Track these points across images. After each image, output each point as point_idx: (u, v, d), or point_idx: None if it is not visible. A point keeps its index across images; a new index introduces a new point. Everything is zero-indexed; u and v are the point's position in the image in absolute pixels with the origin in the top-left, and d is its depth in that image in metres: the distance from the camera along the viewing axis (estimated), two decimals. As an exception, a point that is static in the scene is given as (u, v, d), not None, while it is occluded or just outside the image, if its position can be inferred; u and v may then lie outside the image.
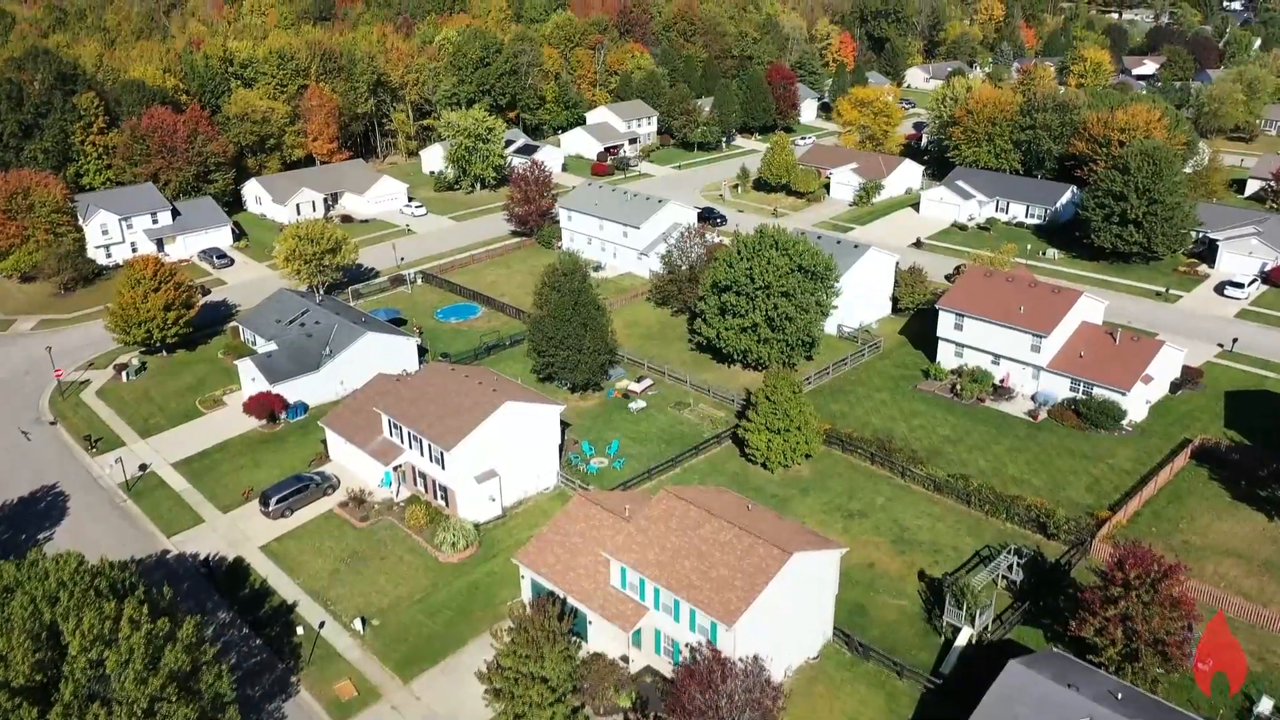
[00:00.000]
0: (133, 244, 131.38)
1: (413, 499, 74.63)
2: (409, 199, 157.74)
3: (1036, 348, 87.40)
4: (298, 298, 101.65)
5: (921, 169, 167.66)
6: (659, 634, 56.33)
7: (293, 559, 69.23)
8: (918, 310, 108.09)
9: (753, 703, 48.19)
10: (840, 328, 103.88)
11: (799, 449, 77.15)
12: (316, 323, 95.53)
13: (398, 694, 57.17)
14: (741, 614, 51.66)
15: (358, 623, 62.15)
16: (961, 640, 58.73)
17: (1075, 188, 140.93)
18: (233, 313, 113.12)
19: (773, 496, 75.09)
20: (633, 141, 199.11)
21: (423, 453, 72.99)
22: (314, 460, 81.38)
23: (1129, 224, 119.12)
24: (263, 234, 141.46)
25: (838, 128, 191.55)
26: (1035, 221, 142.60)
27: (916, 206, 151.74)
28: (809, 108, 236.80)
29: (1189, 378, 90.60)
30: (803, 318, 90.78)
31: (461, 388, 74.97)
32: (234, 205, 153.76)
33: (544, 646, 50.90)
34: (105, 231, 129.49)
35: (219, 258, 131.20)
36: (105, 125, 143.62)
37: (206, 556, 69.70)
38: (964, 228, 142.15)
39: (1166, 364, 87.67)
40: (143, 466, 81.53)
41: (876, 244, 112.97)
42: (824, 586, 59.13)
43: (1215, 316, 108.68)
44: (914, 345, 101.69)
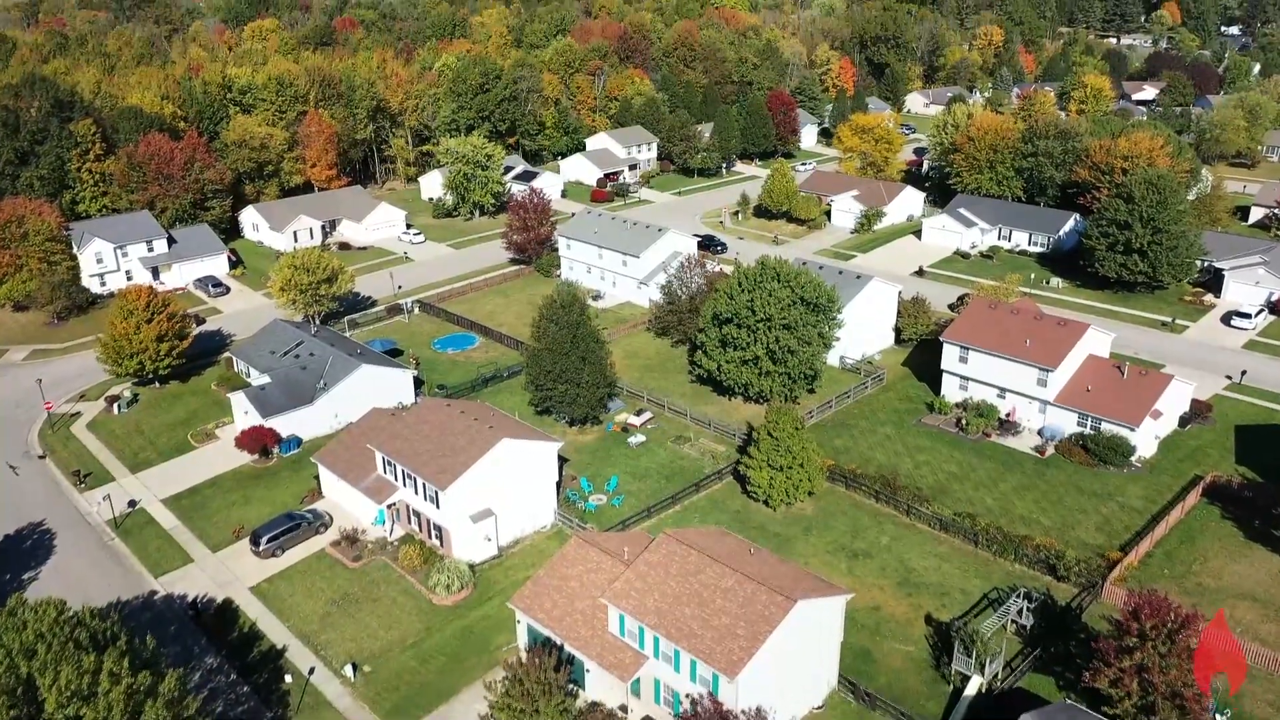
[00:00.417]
0: (128, 272, 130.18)
1: (407, 538, 72.90)
2: (407, 226, 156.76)
3: (1043, 381, 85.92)
4: (292, 328, 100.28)
5: (923, 196, 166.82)
6: (659, 684, 54.57)
7: (283, 601, 67.48)
8: (921, 341, 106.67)
9: (756, 760, 46.44)
10: (842, 359, 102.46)
11: (802, 486, 75.51)
12: (311, 354, 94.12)
13: (388, 746, 55.38)
14: (744, 665, 49.96)
15: (348, 668, 60.37)
16: (971, 689, 56.94)
17: (1078, 215, 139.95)
18: (227, 343, 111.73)
19: (775, 535, 73.42)
20: (632, 168, 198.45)
21: (417, 491, 71.37)
22: (307, 497, 79.72)
23: (1134, 253, 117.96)
24: (259, 261, 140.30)
25: (838, 153, 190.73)
26: (1038, 249, 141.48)
27: (918, 234, 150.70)
28: (809, 133, 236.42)
29: (1198, 412, 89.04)
30: (805, 350, 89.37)
31: (457, 424, 73.41)
32: (231, 232, 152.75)
33: (539, 700, 49.21)
34: (100, 260, 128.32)
35: (214, 286, 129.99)
36: (102, 152, 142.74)
37: (195, 598, 67.95)
38: (966, 256, 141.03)
39: (1176, 398, 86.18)
40: (132, 503, 79.87)
41: (878, 272, 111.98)
42: (829, 633, 57.39)
43: (1222, 347, 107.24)
44: (917, 377, 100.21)
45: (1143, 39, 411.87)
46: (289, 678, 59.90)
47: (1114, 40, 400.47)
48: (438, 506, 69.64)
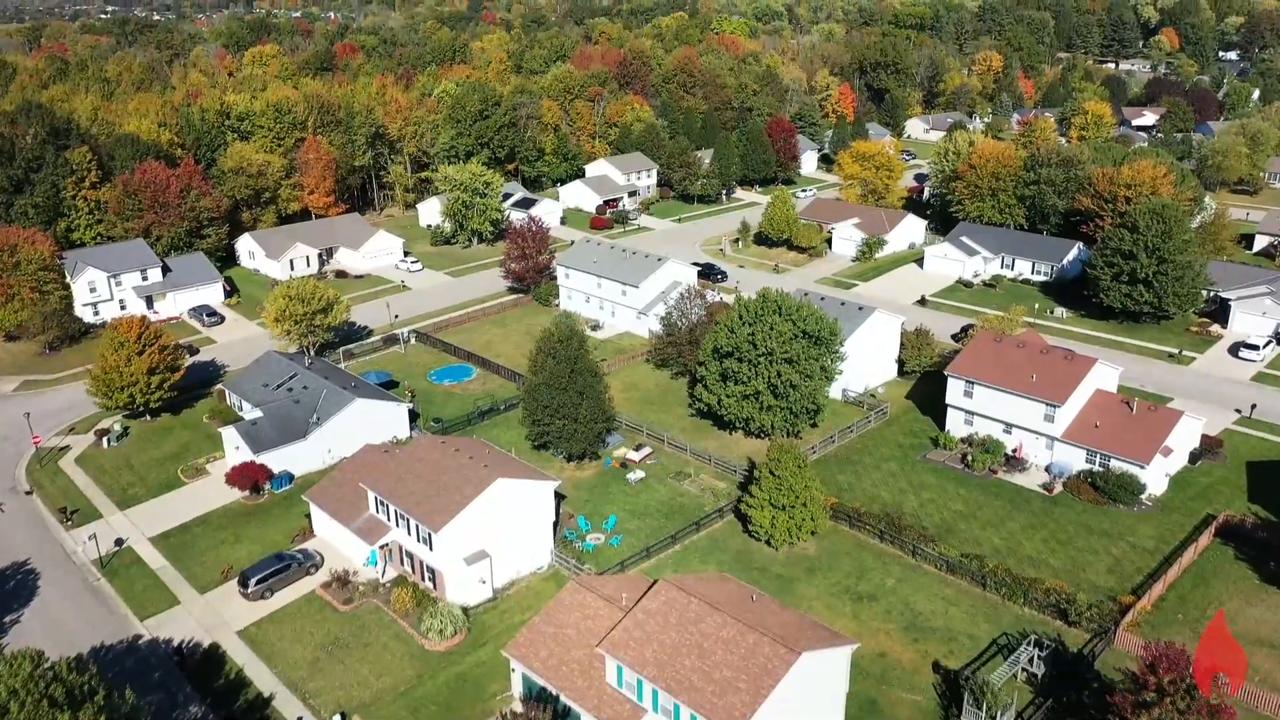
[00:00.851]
0: (121, 301, 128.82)
1: (399, 580, 71.01)
2: (404, 254, 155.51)
3: (1050, 417, 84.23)
4: (286, 360, 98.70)
5: (925, 223, 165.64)
6: (658, 738, 52.58)
7: (271, 646, 65.54)
8: (925, 373, 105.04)
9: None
10: (845, 392, 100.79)
11: (805, 526, 73.71)
12: (305, 387, 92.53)
13: (377, 803, 53.32)
14: (746, 722, 48.03)
15: (337, 718, 58.38)
16: (982, 743, 54.95)
17: (1081, 244, 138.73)
18: (221, 373, 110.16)
19: (777, 576, 71.54)
20: (632, 194, 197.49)
21: (410, 532, 69.55)
22: (298, 535, 77.86)
23: (1139, 283, 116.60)
24: (255, 290, 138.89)
25: (839, 179, 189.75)
26: (1041, 278, 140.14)
27: (920, 262, 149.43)
28: (809, 159, 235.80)
29: (1209, 447, 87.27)
30: (807, 385, 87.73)
31: (451, 463, 71.67)
32: (227, 260, 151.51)
33: (534, 758, 47.24)
34: (93, 289, 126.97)
35: (209, 315, 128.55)
36: (97, 180, 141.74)
37: (180, 643, 65.99)
38: (969, 284, 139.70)
39: (1186, 434, 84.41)
40: (119, 541, 78.01)
41: (880, 300, 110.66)
42: (834, 684, 55.46)
43: (1231, 380, 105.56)
44: (921, 410, 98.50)
45: (1141, 64, 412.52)
46: (275, 729, 57.97)
47: (1113, 66, 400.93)
48: (431, 548, 67.80)
